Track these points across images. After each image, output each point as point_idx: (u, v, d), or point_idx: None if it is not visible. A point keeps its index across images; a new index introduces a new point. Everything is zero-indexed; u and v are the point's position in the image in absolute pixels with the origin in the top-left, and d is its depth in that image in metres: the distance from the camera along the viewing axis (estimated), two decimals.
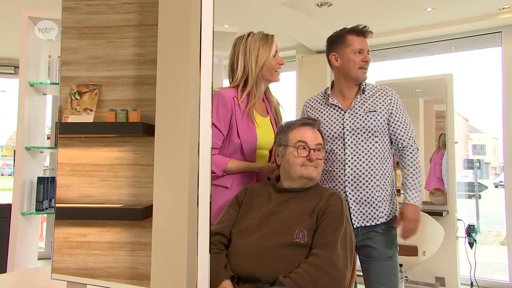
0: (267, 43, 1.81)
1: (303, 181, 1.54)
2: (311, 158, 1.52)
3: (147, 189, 1.45)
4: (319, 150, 1.56)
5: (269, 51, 1.80)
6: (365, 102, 1.83)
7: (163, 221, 1.22)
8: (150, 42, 1.49)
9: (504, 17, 3.36)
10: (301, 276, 1.30)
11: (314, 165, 1.53)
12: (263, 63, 1.79)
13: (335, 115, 1.86)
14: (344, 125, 1.82)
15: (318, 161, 1.54)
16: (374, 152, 1.79)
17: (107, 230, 1.48)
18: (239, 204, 1.57)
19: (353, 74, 1.82)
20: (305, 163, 1.53)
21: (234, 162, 1.73)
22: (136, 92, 1.53)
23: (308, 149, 1.54)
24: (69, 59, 1.57)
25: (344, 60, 1.83)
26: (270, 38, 1.83)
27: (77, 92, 1.55)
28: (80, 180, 1.52)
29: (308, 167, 1.52)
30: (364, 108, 1.82)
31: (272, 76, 1.83)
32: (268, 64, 1.80)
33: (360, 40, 1.81)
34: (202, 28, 1.11)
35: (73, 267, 1.47)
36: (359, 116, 1.82)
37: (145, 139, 1.48)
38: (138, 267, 1.43)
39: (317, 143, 1.56)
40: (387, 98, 1.83)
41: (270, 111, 1.89)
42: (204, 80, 1.12)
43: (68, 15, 1.57)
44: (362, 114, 1.81)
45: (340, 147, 1.82)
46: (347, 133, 1.81)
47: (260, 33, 1.84)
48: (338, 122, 1.84)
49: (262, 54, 1.79)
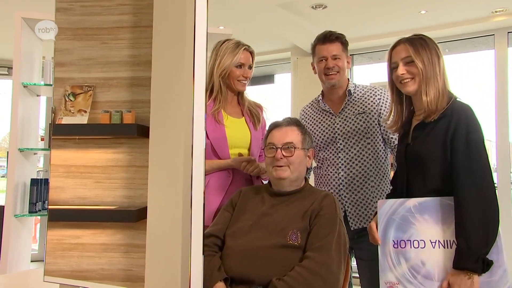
0: (233, 52, 1.79)
1: (279, 182, 1.53)
2: (276, 157, 1.51)
3: (142, 191, 1.45)
4: (287, 149, 1.52)
5: (231, 60, 1.78)
6: (355, 104, 1.84)
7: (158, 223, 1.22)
8: (145, 43, 1.49)
9: (497, 20, 3.40)
10: (295, 280, 1.30)
11: (285, 164, 1.50)
12: (223, 70, 1.78)
13: (327, 120, 1.87)
14: (336, 129, 1.83)
15: (289, 159, 1.51)
16: (367, 154, 1.80)
17: (101, 232, 1.47)
18: (233, 206, 1.58)
19: (322, 81, 1.87)
20: (273, 163, 1.52)
21: (207, 162, 1.74)
22: (130, 93, 1.53)
23: (275, 149, 1.53)
24: (63, 60, 1.56)
25: (316, 69, 1.89)
26: (239, 48, 1.79)
27: (71, 94, 1.55)
28: (74, 182, 1.52)
29: (277, 168, 1.51)
30: (354, 110, 1.83)
31: (235, 86, 1.81)
32: (230, 73, 1.78)
33: (323, 47, 1.82)
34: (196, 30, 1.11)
35: (66, 269, 1.47)
36: (349, 119, 1.83)
37: (139, 140, 1.48)
38: (132, 269, 1.43)
39: (285, 142, 1.52)
40: (376, 98, 1.84)
41: (244, 113, 1.88)
42: (197, 82, 1.12)
43: (62, 16, 1.56)
44: (352, 117, 1.82)
45: (333, 152, 1.83)
46: (339, 137, 1.82)
47: (234, 41, 1.82)
48: (330, 127, 1.85)
49: (224, 61, 1.78)
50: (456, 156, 1.29)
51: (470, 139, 1.29)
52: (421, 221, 1.31)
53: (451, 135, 1.32)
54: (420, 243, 1.27)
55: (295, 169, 1.52)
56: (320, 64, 1.83)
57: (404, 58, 1.44)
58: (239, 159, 1.73)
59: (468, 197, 1.24)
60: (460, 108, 1.37)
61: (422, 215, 1.31)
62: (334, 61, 1.81)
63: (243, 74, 1.80)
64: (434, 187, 1.37)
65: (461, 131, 1.31)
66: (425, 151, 1.39)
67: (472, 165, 1.26)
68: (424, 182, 1.39)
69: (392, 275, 1.21)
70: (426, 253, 1.26)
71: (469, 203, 1.23)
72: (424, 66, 1.40)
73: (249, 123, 1.85)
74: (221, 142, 1.76)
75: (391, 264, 1.23)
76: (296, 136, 1.55)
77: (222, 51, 1.79)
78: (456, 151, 1.30)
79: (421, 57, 1.41)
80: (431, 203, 1.33)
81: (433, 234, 1.29)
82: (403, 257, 1.24)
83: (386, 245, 1.26)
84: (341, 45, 1.84)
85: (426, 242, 1.27)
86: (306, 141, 1.57)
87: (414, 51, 1.42)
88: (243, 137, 1.80)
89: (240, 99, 1.89)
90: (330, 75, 1.81)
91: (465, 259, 1.21)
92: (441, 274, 1.23)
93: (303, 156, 1.55)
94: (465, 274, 1.20)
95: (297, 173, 1.53)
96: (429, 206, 1.32)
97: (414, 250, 1.26)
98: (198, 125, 1.12)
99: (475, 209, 1.22)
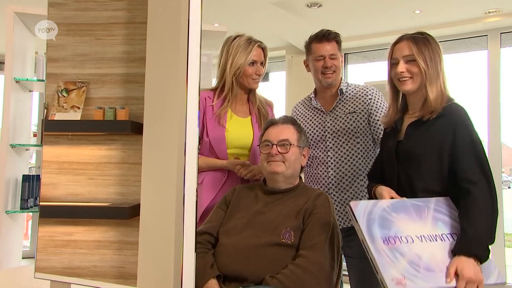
0: (246, 49, 1.75)
1: (274, 177, 1.53)
2: (271, 152, 1.51)
3: (135, 188, 1.44)
4: (283, 145, 1.53)
5: (245, 58, 1.74)
6: (346, 103, 1.85)
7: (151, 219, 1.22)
8: (139, 40, 1.48)
9: (490, 21, 3.42)
10: (288, 278, 1.31)
11: (280, 160, 1.51)
12: (237, 69, 1.75)
13: (318, 117, 1.88)
14: (326, 127, 1.84)
15: (284, 155, 1.51)
16: (356, 153, 1.81)
17: (94, 228, 1.47)
18: (227, 204, 1.58)
19: (318, 79, 1.86)
20: (268, 158, 1.53)
21: (203, 159, 1.74)
22: (124, 90, 1.52)
23: (270, 145, 1.53)
24: (56, 55, 1.55)
25: (311, 67, 1.88)
26: (252, 45, 1.76)
27: (64, 90, 1.54)
28: (66, 178, 1.51)
29: (272, 162, 1.52)
30: (345, 109, 1.84)
31: (248, 84, 1.79)
32: (243, 71, 1.76)
33: (320, 46, 1.82)
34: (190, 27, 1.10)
35: (58, 266, 1.46)
36: (339, 118, 1.83)
37: (133, 137, 1.47)
38: (124, 266, 1.43)
39: (280, 139, 1.53)
40: (367, 98, 1.84)
41: (252, 112, 1.85)
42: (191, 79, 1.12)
43: (55, 11, 1.55)
44: (342, 116, 1.83)
45: (323, 150, 1.83)
46: (328, 136, 1.83)
47: (245, 37, 1.79)
48: (320, 124, 1.86)
49: (238, 59, 1.75)
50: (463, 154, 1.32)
51: (473, 138, 1.33)
52: (399, 219, 1.31)
53: (452, 136, 1.33)
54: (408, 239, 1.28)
55: (290, 166, 1.52)
56: (318, 63, 1.83)
57: (405, 56, 1.42)
58: (234, 162, 1.72)
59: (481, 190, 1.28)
60: (457, 109, 1.37)
61: (398, 214, 1.32)
62: (332, 60, 1.81)
63: (256, 72, 1.77)
64: (427, 186, 1.37)
65: (463, 132, 1.33)
66: (420, 149, 1.39)
67: (481, 162, 1.31)
68: (417, 180, 1.39)
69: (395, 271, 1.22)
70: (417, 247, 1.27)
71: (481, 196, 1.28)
72: (427, 65, 1.39)
73: (255, 123, 1.82)
74: (219, 141, 1.75)
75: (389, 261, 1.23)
76: (292, 134, 1.56)
77: (234, 49, 1.75)
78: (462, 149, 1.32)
79: (423, 56, 1.39)
80: (400, 204, 1.35)
81: (417, 230, 1.30)
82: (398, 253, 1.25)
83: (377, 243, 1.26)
84: (337, 44, 1.84)
85: (413, 238, 1.28)
86: (301, 139, 1.58)
87: (417, 50, 1.40)
88: (245, 137, 1.78)
89: (252, 96, 1.86)
90: (327, 74, 1.82)
91: (475, 246, 1.24)
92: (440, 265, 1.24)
93: (298, 154, 1.56)
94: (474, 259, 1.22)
95: (291, 169, 1.53)
96: (400, 206, 1.34)
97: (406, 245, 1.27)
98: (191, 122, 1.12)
99: (486, 201, 1.27)
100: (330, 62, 1.81)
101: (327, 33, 1.83)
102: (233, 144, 1.77)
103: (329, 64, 1.81)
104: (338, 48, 1.85)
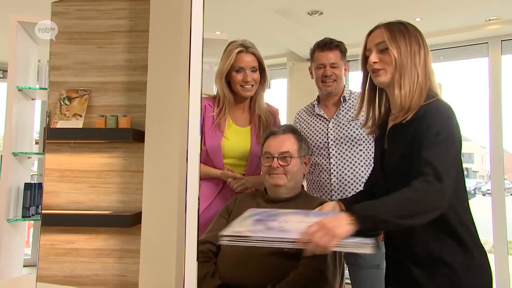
0: (229, 55, 1.70)
1: (276, 190, 1.53)
2: (273, 166, 1.51)
3: (137, 196, 1.44)
4: (284, 158, 1.52)
5: (227, 63, 1.69)
6: (349, 111, 1.85)
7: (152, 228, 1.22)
8: (141, 48, 1.49)
9: (491, 29, 3.43)
10: (290, 286, 1.30)
11: (282, 173, 1.51)
12: (220, 75, 1.72)
13: (320, 125, 1.88)
14: (328, 134, 1.84)
15: (286, 168, 1.51)
16: (359, 160, 1.81)
17: (95, 237, 1.46)
18: (228, 213, 1.57)
19: (318, 87, 1.88)
20: (270, 171, 1.52)
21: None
22: (126, 98, 1.53)
23: (271, 158, 1.53)
24: (58, 64, 1.56)
25: (313, 75, 1.89)
26: (233, 50, 1.69)
27: (66, 98, 1.54)
28: (68, 186, 1.51)
29: (274, 175, 1.51)
30: (347, 117, 1.84)
31: (238, 91, 1.73)
32: (231, 78, 1.72)
33: (322, 54, 1.83)
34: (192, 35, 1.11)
35: (59, 274, 1.45)
36: (342, 125, 1.83)
37: (134, 145, 1.48)
38: (126, 275, 1.42)
39: (281, 151, 1.52)
40: None
41: (252, 121, 1.80)
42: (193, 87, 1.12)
43: (57, 19, 1.56)
44: (345, 123, 1.83)
45: (325, 157, 1.83)
46: (331, 143, 1.83)
47: (235, 43, 1.73)
48: (323, 131, 1.86)
49: (220, 65, 1.72)
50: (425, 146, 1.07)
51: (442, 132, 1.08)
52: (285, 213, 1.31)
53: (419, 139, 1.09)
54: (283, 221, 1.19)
55: (292, 178, 1.52)
56: (318, 71, 1.84)
57: (378, 44, 1.22)
58: (226, 174, 1.70)
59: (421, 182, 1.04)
60: (437, 106, 1.13)
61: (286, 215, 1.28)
62: (332, 69, 1.82)
63: (243, 79, 1.70)
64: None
65: (430, 131, 1.08)
66: (398, 158, 1.16)
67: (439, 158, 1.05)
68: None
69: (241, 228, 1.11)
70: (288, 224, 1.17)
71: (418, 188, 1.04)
72: (400, 54, 1.17)
73: (254, 134, 1.78)
74: (216, 151, 1.73)
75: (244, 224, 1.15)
76: (292, 144, 1.55)
77: (223, 54, 1.74)
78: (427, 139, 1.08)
79: (397, 43, 1.19)
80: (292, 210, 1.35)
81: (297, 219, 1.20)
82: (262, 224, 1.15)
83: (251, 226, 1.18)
84: (340, 53, 1.85)
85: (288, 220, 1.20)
86: (302, 149, 1.57)
87: (391, 37, 1.20)
88: (241, 147, 1.75)
89: (253, 105, 1.80)
90: (327, 82, 1.83)
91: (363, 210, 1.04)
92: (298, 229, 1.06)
93: (300, 164, 1.56)
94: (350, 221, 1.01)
95: (293, 181, 1.53)
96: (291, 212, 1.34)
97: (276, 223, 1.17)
98: (193, 130, 1.12)
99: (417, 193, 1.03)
100: (331, 70, 1.82)
101: (329, 42, 1.83)
102: (229, 154, 1.74)
103: (329, 73, 1.81)
104: (341, 56, 1.85)
